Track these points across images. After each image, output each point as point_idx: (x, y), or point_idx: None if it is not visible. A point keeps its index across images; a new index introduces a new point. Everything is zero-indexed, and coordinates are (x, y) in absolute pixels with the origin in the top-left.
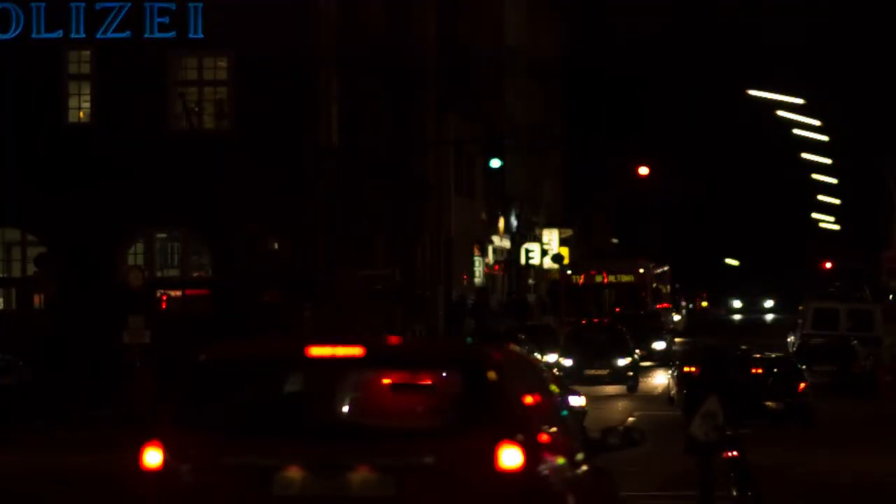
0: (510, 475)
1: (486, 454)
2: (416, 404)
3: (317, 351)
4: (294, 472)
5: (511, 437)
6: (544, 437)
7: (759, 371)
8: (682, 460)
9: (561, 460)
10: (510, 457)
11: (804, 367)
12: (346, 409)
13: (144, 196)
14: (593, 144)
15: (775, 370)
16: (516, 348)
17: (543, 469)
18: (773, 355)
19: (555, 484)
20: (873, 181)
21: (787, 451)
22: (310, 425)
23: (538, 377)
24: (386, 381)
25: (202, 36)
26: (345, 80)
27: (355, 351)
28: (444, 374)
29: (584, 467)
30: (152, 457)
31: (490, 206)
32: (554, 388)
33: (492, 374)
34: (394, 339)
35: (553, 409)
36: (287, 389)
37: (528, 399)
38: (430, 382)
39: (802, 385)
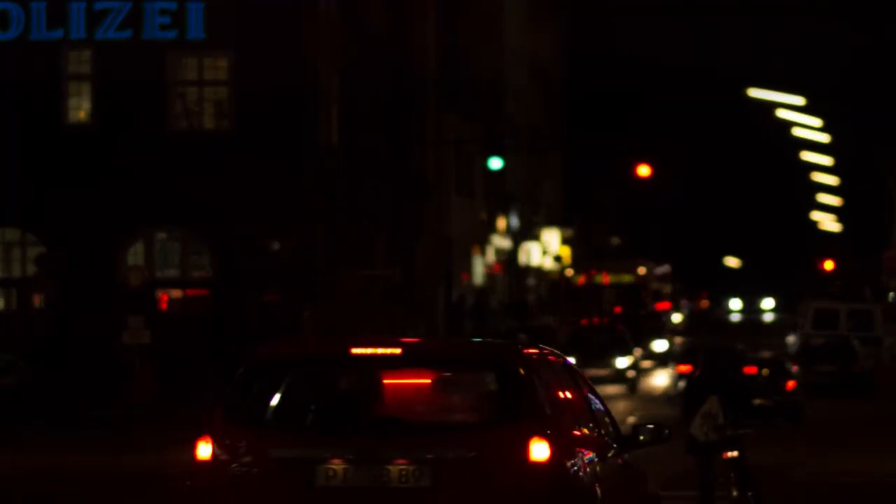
0: (539, 468)
1: (517, 448)
2: (452, 401)
3: (359, 351)
4: (336, 465)
5: (540, 433)
6: (574, 433)
7: (754, 370)
8: (682, 460)
9: (590, 454)
10: (539, 451)
11: (794, 366)
12: (386, 404)
13: (144, 196)
14: (593, 144)
15: (765, 369)
16: (548, 348)
17: (572, 463)
18: (764, 355)
19: (583, 477)
20: (873, 181)
21: (788, 451)
22: (351, 421)
23: (570, 375)
24: (424, 379)
25: (202, 36)
26: (345, 80)
27: (394, 351)
28: (479, 372)
29: (615, 462)
30: (203, 450)
31: (490, 206)
32: (585, 384)
33: (523, 372)
34: (430, 340)
35: (584, 405)
36: (332, 388)
37: (559, 395)
38: (466, 380)
39: (791, 384)
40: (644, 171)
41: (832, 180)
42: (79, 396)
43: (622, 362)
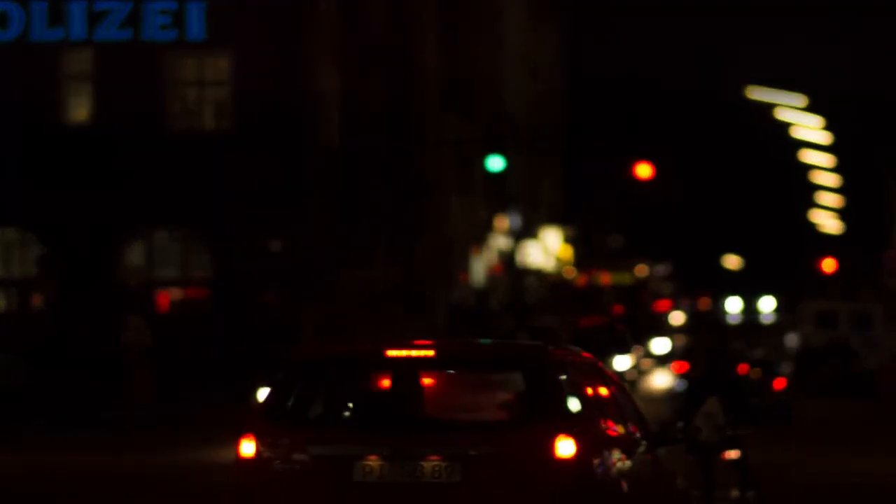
0: (565, 465)
1: (544, 445)
2: (482, 400)
3: (394, 353)
4: (373, 461)
5: (566, 431)
6: (601, 430)
7: (745, 370)
8: (683, 460)
9: (617, 451)
10: (565, 448)
11: (784, 366)
12: (419, 404)
13: (144, 196)
14: (593, 144)
15: (755, 369)
16: (576, 348)
17: (598, 460)
18: (756, 355)
19: (610, 474)
20: (873, 181)
21: (788, 451)
22: (387, 419)
23: (598, 374)
24: (456, 379)
25: (202, 36)
26: (345, 80)
27: (428, 353)
28: (508, 372)
29: (643, 459)
30: (247, 447)
31: (490, 206)
32: (613, 383)
33: (551, 372)
34: (461, 341)
35: (612, 403)
36: (368, 388)
37: (587, 394)
38: (495, 380)
39: (780, 383)
40: (644, 170)
41: (832, 180)
42: (79, 396)
43: (622, 362)
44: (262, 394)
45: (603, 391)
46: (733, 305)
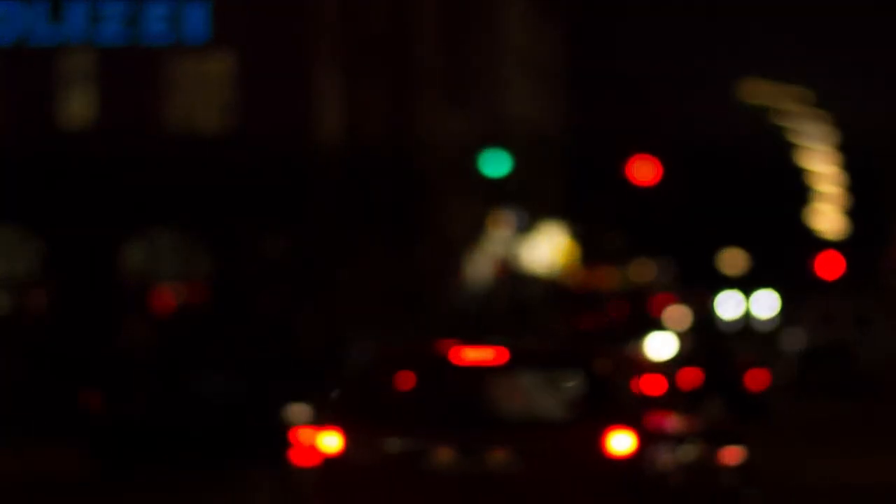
0: (618, 458)
1: (598, 439)
2: (543, 396)
3: (463, 352)
4: (444, 454)
5: (621, 425)
6: (652, 425)
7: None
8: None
9: (669, 446)
10: (619, 442)
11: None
12: (485, 400)
13: (144, 196)
14: (594, 144)
15: (743, 368)
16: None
17: (649, 453)
18: (744, 355)
19: (660, 466)
20: (874, 180)
21: (789, 451)
22: (456, 414)
23: (650, 370)
24: (520, 376)
25: (203, 36)
26: (345, 79)
27: (495, 352)
28: (567, 370)
29: (694, 454)
30: (330, 441)
31: (490, 206)
32: (669, 380)
33: (606, 370)
34: (524, 340)
35: (664, 399)
36: (439, 384)
37: (640, 390)
38: (556, 378)
39: (761, 382)
40: (644, 170)
41: (832, 180)
42: (78, 397)
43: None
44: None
45: (657, 388)
46: (733, 305)
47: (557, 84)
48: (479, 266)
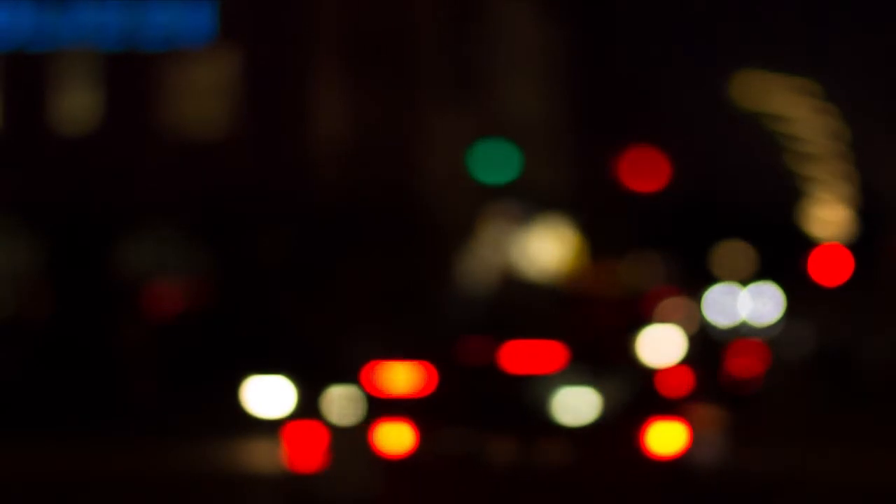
0: (665, 452)
1: (643, 433)
2: (592, 392)
3: (519, 352)
4: (500, 448)
5: (666, 420)
6: (696, 420)
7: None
8: None
9: (709, 438)
10: (664, 436)
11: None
12: (538, 397)
13: (144, 196)
14: (594, 141)
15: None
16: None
17: (694, 445)
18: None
19: (703, 458)
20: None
21: (791, 451)
22: (514, 410)
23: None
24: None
25: (203, 36)
26: (346, 79)
27: (549, 352)
28: (616, 366)
29: (732, 442)
30: (403, 437)
31: (490, 203)
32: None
33: (652, 367)
34: (575, 340)
35: (701, 392)
36: (497, 384)
37: (681, 387)
38: (606, 374)
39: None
40: (644, 169)
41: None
42: (77, 397)
43: None
44: (254, 390)
45: (693, 381)
46: (733, 304)
47: (557, 84)
48: (480, 265)
